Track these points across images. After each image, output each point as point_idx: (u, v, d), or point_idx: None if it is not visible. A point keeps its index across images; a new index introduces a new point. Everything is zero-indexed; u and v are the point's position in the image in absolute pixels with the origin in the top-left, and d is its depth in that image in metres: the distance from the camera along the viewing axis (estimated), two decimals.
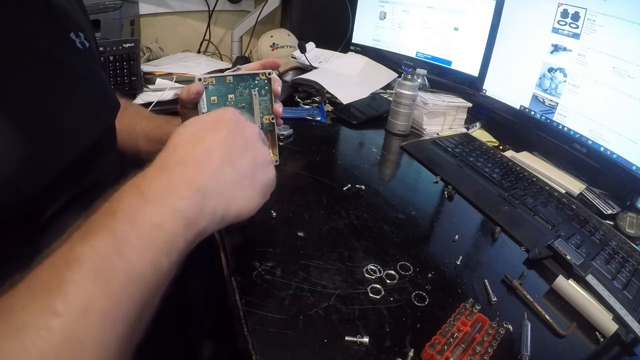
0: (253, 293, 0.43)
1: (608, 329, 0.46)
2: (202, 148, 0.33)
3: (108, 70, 0.90)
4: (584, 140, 0.78)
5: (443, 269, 0.52)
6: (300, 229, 0.54)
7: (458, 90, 1.04)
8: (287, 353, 0.38)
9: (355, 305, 0.44)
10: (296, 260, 0.49)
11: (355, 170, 0.73)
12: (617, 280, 0.54)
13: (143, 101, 0.92)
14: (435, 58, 1.11)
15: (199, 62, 1.16)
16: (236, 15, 1.38)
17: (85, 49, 0.42)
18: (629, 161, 0.71)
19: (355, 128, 0.92)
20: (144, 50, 1.18)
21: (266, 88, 0.49)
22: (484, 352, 0.39)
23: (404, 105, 0.88)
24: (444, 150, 0.84)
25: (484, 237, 0.60)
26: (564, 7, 0.78)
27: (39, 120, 0.33)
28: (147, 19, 1.25)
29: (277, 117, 0.50)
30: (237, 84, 0.47)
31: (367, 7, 1.24)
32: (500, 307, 0.47)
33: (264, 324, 0.40)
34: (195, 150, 0.33)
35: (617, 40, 0.70)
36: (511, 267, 0.55)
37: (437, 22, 1.08)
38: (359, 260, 0.50)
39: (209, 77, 0.46)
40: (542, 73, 0.84)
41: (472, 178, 0.75)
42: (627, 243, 0.63)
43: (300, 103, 1.01)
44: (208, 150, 0.33)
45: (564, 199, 0.72)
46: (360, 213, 0.60)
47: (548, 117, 0.84)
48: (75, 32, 0.41)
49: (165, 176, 0.31)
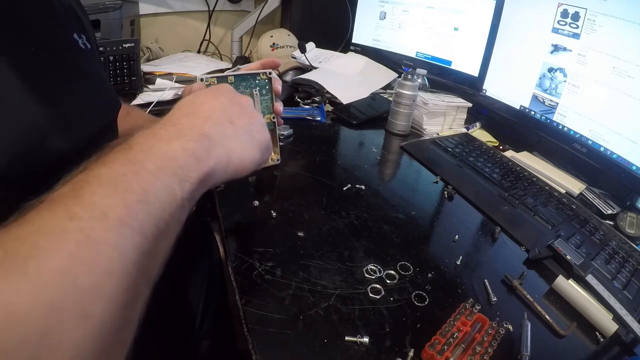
0: (253, 293, 0.43)
1: (608, 329, 0.46)
2: (204, 108, 0.36)
3: (108, 70, 0.90)
4: (584, 140, 0.78)
5: (443, 269, 0.52)
6: (300, 229, 0.54)
7: (458, 90, 1.04)
8: (287, 353, 0.38)
9: (355, 305, 0.44)
10: (296, 260, 0.49)
11: (355, 170, 0.73)
12: (617, 280, 0.54)
13: (143, 101, 0.92)
14: (435, 58, 1.11)
15: (199, 62, 1.16)
16: (236, 15, 1.38)
17: (87, 50, 0.42)
18: (629, 161, 0.71)
19: (355, 128, 0.92)
20: (144, 50, 1.18)
21: (267, 87, 0.49)
22: (484, 352, 0.39)
23: (404, 105, 0.88)
24: (444, 150, 0.84)
25: (484, 237, 0.60)
26: (564, 7, 0.78)
27: (47, 100, 0.34)
28: (147, 19, 1.25)
29: (278, 116, 0.50)
30: (238, 84, 0.48)
31: (367, 7, 1.24)
32: (500, 307, 0.47)
33: (264, 324, 0.40)
34: (198, 109, 0.36)
35: (617, 40, 0.70)
36: (511, 267, 0.55)
37: (437, 22, 1.08)
38: (359, 260, 0.50)
39: (211, 77, 0.46)
40: (542, 73, 0.84)
41: (472, 178, 0.75)
42: (627, 243, 0.63)
43: (300, 103, 1.01)
44: (209, 109, 0.37)
45: (564, 199, 0.72)
46: (360, 213, 0.60)
47: (548, 117, 0.84)
48: (77, 32, 0.41)
49: (173, 125, 0.33)
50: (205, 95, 0.38)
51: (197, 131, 0.33)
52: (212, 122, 0.35)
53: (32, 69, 0.34)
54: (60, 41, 0.39)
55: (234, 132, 0.37)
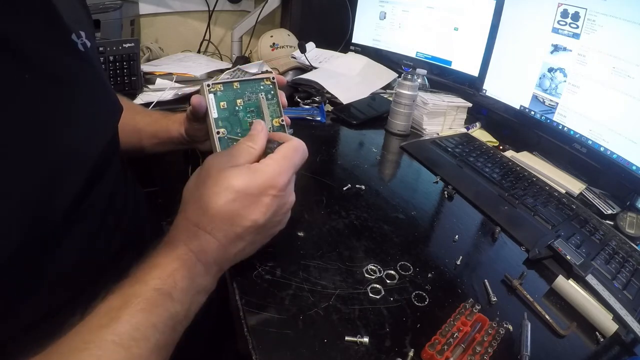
0: (253, 293, 0.43)
1: (608, 329, 0.46)
2: (235, 233, 0.37)
3: (108, 70, 0.90)
4: (584, 140, 0.78)
5: (443, 269, 0.52)
6: (300, 229, 0.54)
7: (458, 90, 1.04)
8: (287, 353, 0.38)
9: (355, 305, 0.44)
10: (296, 260, 0.49)
11: (355, 170, 0.73)
12: (617, 280, 0.54)
13: (143, 101, 0.92)
14: (435, 58, 1.11)
15: (199, 62, 1.16)
16: (236, 15, 1.38)
17: (86, 50, 0.41)
18: (629, 161, 0.71)
19: (355, 128, 0.92)
20: (144, 50, 1.18)
21: (272, 92, 0.49)
22: (484, 352, 0.39)
23: (404, 105, 0.88)
24: (444, 150, 0.84)
25: (484, 237, 0.60)
26: (564, 7, 0.78)
27: (44, 144, 0.33)
28: (147, 19, 1.25)
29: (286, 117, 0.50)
30: (244, 89, 0.48)
31: (367, 7, 1.24)
32: (500, 307, 0.47)
33: (264, 324, 0.40)
34: (228, 233, 0.37)
35: (617, 40, 0.70)
36: (511, 267, 0.55)
37: (437, 22, 1.08)
38: (359, 260, 0.50)
39: (217, 84, 0.47)
40: (542, 73, 0.84)
41: (472, 178, 0.75)
42: (627, 243, 0.63)
43: (300, 103, 1.01)
44: (239, 236, 0.38)
45: (564, 199, 0.72)
46: (360, 213, 0.60)
47: (548, 117, 0.84)
48: (76, 32, 0.40)
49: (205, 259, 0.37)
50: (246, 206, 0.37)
51: (220, 267, 0.38)
52: (233, 251, 0.39)
53: (30, 101, 0.32)
54: (58, 49, 0.37)
55: (248, 252, 0.41)
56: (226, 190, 0.36)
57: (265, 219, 0.38)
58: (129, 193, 0.50)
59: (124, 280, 0.33)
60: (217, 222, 0.36)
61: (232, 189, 0.36)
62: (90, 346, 0.28)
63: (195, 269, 0.36)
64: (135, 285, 0.33)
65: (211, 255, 0.37)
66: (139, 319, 0.31)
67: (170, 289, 0.33)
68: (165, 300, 0.33)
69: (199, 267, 0.36)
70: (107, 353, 0.28)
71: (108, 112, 0.44)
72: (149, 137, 0.62)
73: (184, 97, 0.95)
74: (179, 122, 0.59)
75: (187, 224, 0.37)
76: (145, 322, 0.31)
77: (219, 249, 0.37)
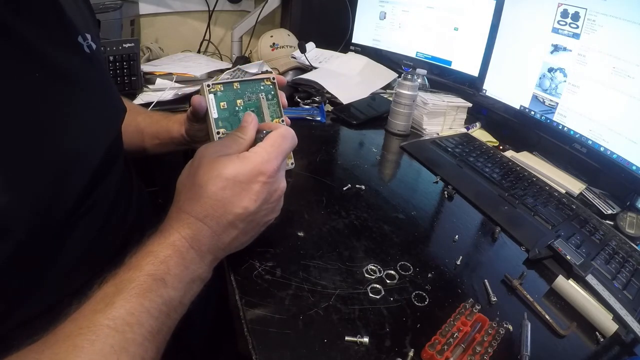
0: (253, 293, 0.43)
1: (608, 329, 0.46)
2: (227, 220, 0.38)
3: (108, 70, 0.90)
4: (584, 140, 0.78)
5: (443, 269, 0.52)
6: (300, 229, 0.54)
7: (458, 90, 1.04)
8: (287, 353, 0.38)
9: (355, 305, 0.44)
10: (296, 260, 0.49)
11: (355, 170, 0.73)
12: (617, 280, 0.54)
13: (143, 101, 0.92)
14: (435, 58, 1.11)
15: (199, 62, 1.16)
16: (236, 15, 1.37)
17: (92, 52, 0.42)
18: (629, 161, 0.71)
19: (355, 128, 0.92)
20: (144, 50, 1.18)
21: (272, 92, 0.49)
22: (484, 352, 0.39)
23: (404, 105, 0.88)
24: (444, 150, 0.84)
25: (484, 237, 0.60)
26: (564, 7, 0.78)
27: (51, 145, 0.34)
28: (147, 19, 1.25)
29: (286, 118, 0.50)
30: (244, 90, 0.48)
31: (367, 7, 1.24)
32: (500, 307, 0.47)
33: (264, 324, 0.40)
34: (221, 221, 0.38)
35: (617, 40, 0.70)
36: (511, 267, 0.55)
37: (437, 22, 1.08)
38: (359, 260, 0.50)
39: (217, 84, 0.47)
40: (542, 73, 0.84)
41: (472, 178, 0.75)
42: (627, 243, 0.63)
43: (300, 103, 1.01)
44: (232, 223, 0.38)
45: (564, 199, 0.72)
46: (360, 213, 0.60)
47: (548, 117, 0.84)
48: (82, 34, 0.40)
49: (190, 252, 0.37)
50: (236, 193, 0.38)
51: (209, 255, 0.38)
52: (227, 239, 0.39)
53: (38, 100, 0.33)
54: (64, 51, 0.37)
55: (244, 241, 0.41)
56: (216, 178, 0.37)
57: (256, 205, 0.38)
58: (133, 193, 0.51)
59: (118, 269, 0.34)
60: (209, 210, 0.37)
61: (222, 177, 0.37)
62: (84, 331, 0.28)
63: (188, 255, 0.36)
64: (129, 272, 0.33)
65: (204, 243, 0.37)
66: (132, 303, 0.31)
67: (164, 275, 0.33)
68: (158, 286, 0.33)
69: (192, 254, 0.36)
70: (101, 337, 0.28)
71: (113, 113, 0.45)
72: (150, 138, 0.63)
73: (184, 97, 0.95)
74: (179, 122, 0.59)
75: (180, 212, 0.38)
76: (139, 307, 0.31)
77: (212, 236, 0.37)
